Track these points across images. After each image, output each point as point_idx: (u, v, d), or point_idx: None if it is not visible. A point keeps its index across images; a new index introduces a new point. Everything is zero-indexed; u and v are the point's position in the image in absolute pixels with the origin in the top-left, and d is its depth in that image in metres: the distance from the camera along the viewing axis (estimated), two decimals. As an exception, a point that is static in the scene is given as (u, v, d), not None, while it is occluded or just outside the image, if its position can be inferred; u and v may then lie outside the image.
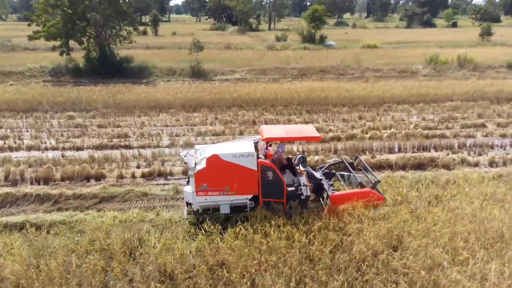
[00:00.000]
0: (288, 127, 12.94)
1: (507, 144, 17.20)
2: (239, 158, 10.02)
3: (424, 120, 20.96)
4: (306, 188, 10.75)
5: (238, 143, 11.32)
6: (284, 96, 24.61)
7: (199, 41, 37.48)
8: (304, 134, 11.29)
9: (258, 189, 10.30)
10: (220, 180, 10.12)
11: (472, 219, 9.41)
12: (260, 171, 10.16)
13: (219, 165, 10.00)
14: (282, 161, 11.01)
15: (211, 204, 10.37)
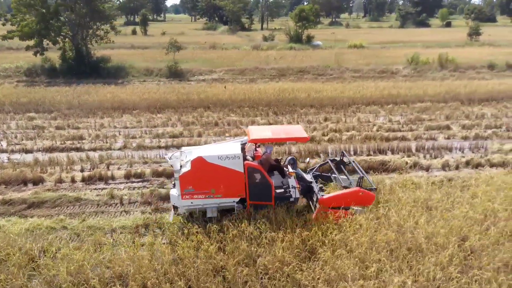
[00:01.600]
0: (276, 127, 12.66)
1: (466, 146, 16.83)
2: (225, 160, 9.78)
3: (390, 122, 20.58)
4: (295, 190, 10.48)
5: (224, 145, 11.08)
6: (253, 97, 24.27)
7: (176, 41, 36.99)
8: (292, 134, 10.97)
9: (245, 192, 10.07)
10: (206, 183, 9.87)
11: (395, 228, 9.06)
12: (247, 173, 9.92)
13: (204, 168, 9.74)
14: (270, 162, 10.72)
15: (198, 208, 10.12)
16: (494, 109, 22.92)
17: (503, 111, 22.41)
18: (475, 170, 14.38)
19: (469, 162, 14.90)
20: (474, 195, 10.68)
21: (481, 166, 14.77)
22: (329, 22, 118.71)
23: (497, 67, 36.01)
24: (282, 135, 10.95)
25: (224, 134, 18.59)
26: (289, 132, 11.21)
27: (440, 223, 9.09)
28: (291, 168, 11.46)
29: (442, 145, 16.99)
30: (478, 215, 9.49)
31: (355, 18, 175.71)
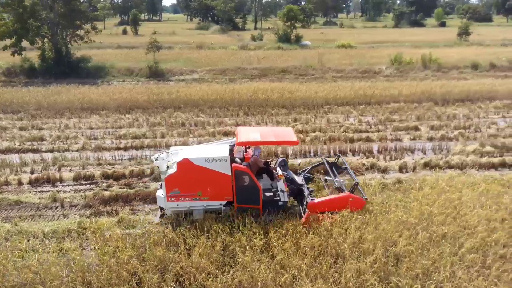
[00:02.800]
0: (266, 129, 12.42)
1: (429, 148, 16.60)
2: (212, 163, 9.61)
3: (359, 123, 20.34)
4: (284, 193, 10.26)
5: (212, 147, 10.90)
6: (226, 97, 24.02)
7: (156, 41, 36.70)
8: (281, 138, 10.72)
9: (233, 195, 9.88)
10: (192, 185, 9.73)
11: (324, 233, 8.83)
12: (234, 176, 9.72)
13: (191, 170, 9.59)
14: (259, 165, 10.46)
15: (184, 210, 9.96)
16: (467, 109, 22.66)
17: (476, 111, 22.15)
18: (432, 172, 14.12)
19: (427, 164, 14.66)
20: (415, 198, 10.44)
21: (439, 168, 14.51)
22: (324, 22, 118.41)
23: (481, 67, 35.77)
24: (271, 138, 10.68)
25: (188, 135, 18.36)
26: (279, 135, 10.95)
27: (370, 228, 8.86)
28: (282, 170, 11.30)
29: (406, 146, 16.76)
30: (413, 219, 9.26)
31: (352, 18, 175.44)
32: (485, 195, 10.44)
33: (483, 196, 10.35)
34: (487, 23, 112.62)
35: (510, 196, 10.33)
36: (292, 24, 56.17)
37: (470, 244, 8.33)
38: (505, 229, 8.87)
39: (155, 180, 13.21)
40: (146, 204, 11.87)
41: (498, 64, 36.11)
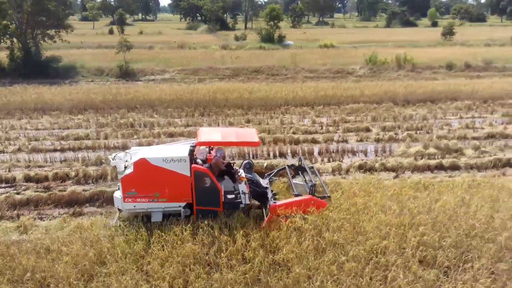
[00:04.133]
0: (228, 130, 12.18)
1: (372, 150, 16.26)
2: (170, 163, 9.34)
3: (313, 124, 20.00)
4: (245, 196, 10.02)
5: (172, 147, 10.64)
6: (185, 98, 23.70)
7: (127, 41, 36.36)
8: (242, 138, 10.50)
9: (192, 197, 9.63)
10: (149, 186, 9.43)
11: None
12: (193, 177, 9.46)
13: (148, 170, 9.30)
14: (220, 167, 10.21)
15: (142, 211, 9.68)
16: (427, 110, 22.33)
17: (435, 112, 21.81)
18: (366, 174, 13.78)
19: (362, 166, 14.31)
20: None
21: (375, 171, 14.20)
22: (316, 22, 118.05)
23: (456, 67, 35.43)
24: (232, 139, 10.43)
25: (132, 136, 18.03)
26: (240, 135, 10.71)
27: (257, 235, 8.54)
28: (247, 172, 11.14)
29: (349, 148, 16.43)
30: (308, 225, 8.91)
31: (348, 18, 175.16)
32: (395, 199, 10.09)
33: (392, 200, 10.00)
34: (481, 23, 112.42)
35: (419, 200, 9.98)
36: (275, 24, 55.77)
37: (356, 251, 8.00)
38: (398, 235, 8.53)
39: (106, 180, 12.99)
40: (58, 208, 11.55)
41: (474, 64, 35.77)
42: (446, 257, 8.01)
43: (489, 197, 10.18)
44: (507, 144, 16.45)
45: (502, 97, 24.05)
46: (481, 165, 14.41)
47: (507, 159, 14.60)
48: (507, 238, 8.44)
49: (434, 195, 10.37)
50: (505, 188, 10.88)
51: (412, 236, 8.49)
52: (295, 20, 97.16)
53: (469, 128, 18.92)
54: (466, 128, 18.99)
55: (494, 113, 21.78)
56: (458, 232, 8.64)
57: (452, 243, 8.34)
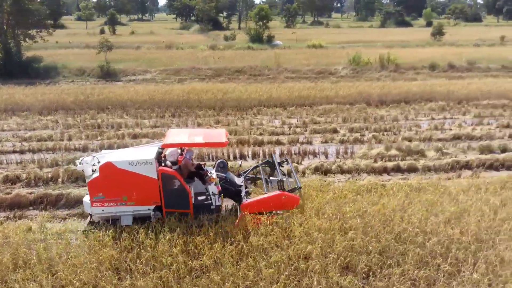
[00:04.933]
0: (196, 131, 11.99)
1: (333, 151, 16.11)
2: (136, 166, 9.24)
3: (282, 125, 19.85)
4: (216, 197, 9.91)
5: (139, 149, 10.51)
6: (157, 98, 23.57)
7: (108, 41, 36.20)
8: (209, 139, 10.29)
9: (160, 199, 9.52)
10: (116, 189, 9.36)
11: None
12: (161, 179, 9.36)
13: (114, 174, 9.22)
14: (190, 168, 10.10)
15: (111, 215, 9.58)
16: (401, 111, 22.18)
17: (407, 113, 21.66)
18: (321, 176, 13.62)
19: (318, 168, 14.16)
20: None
21: (330, 173, 14.05)
22: (311, 22, 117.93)
23: (439, 67, 35.27)
24: (198, 140, 10.25)
25: (96, 137, 17.88)
26: (208, 136, 10.54)
27: (181, 241, 8.39)
28: (221, 172, 11.08)
29: (311, 149, 16.27)
30: (236, 230, 8.78)
31: (345, 18, 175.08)
32: (333, 202, 9.93)
33: (330, 203, 9.85)
34: (476, 23, 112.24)
35: (357, 204, 9.82)
36: (264, 24, 55.62)
37: (278, 256, 7.85)
38: (326, 240, 8.38)
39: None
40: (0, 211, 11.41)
41: (457, 65, 35.60)
42: (369, 263, 7.86)
43: (428, 201, 10.03)
44: (470, 145, 16.27)
45: (477, 98, 23.88)
46: (439, 167, 14.26)
47: (466, 161, 14.44)
48: (435, 243, 8.29)
49: (374, 198, 10.22)
50: (447, 191, 10.72)
51: (340, 241, 8.35)
52: (289, 20, 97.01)
53: (437, 130, 18.75)
54: (434, 129, 18.83)
55: (467, 114, 21.62)
56: (388, 236, 8.48)
57: (379, 248, 8.19)
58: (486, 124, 19.65)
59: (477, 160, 14.44)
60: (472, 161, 14.38)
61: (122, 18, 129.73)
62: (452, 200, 10.13)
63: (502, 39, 52.95)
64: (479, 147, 15.84)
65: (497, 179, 12.18)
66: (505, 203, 9.95)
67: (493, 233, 8.60)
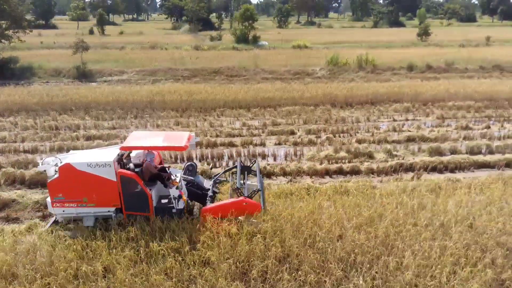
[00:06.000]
0: (157, 134, 11.85)
1: (283, 153, 16.05)
2: (95, 168, 9.34)
3: (242, 127, 19.76)
4: (177, 201, 9.83)
5: (101, 151, 10.53)
6: (121, 99, 23.47)
7: (84, 41, 36.08)
8: (168, 143, 10.18)
9: (120, 202, 9.57)
10: (76, 191, 9.47)
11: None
12: (120, 182, 9.40)
13: (73, 175, 9.32)
14: (151, 171, 10.05)
15: (72, 216, 9.65)
16: (365, 112, 22.09)
17: (370, 114, 21.57)
18: (264, 179, 13.53)
19: (261, 171, 14.01)
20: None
21: (273, 175, 13.97)
22: (305, 22, 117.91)
23: (416, 68, 35.18)
24: (157, 143, 10.13)
25: (50, 139, 17.80)
26: (168, 140, 10.39)
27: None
28: (190, 175, 11.10)
29: (261, 151, 16.18)
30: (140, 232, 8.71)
31: (342, 18, 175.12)
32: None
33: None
34: (471, 23, 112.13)
35: (274, 207, 9.74)
36: (250, 25, 55.54)
37: (169, 263, 7.78)
38: (226, 246, 8.28)
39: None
40: None
41: (435, 66, 35.50)
42: (265, 268, 7.78)
43: (349, 205, 9.94)
44: (420, 148, 16.17)
45: (444, 99, 23.78)
46: (382, 169, 14.17)
47: (410, 164, 14.35)
48: (337, 248, 8.20)
49: (291, 202, 10.14)
50: (372, 194, 10.65)
51: (243, 245, 8.26)
52: (281, 20, 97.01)
53: (395, 131, 18.67)
54: (392, 131, 18.75)
55: (430, 115, 21.53)
56: (293, 241, 8.40)
57: (279, 253, 8.11)
58: (445, 126, 19.57)
59: (421, 163, 14.35)
60: (416, 164, 14.29)
61: (116, 19, 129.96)
62: (372, 204, 10.03)
63: (488, 39, 52.82)
64: (428, 149, 15.73)
65: (430, 182, 12.09)
66: (423, 207, 9.85)
67: (399, 238, 8.50)
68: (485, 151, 15.88)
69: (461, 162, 14.33)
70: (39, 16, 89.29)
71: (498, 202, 10.01)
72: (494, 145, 16.06)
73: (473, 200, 10.15)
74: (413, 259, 7.73)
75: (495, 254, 7.96)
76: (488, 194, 10.46)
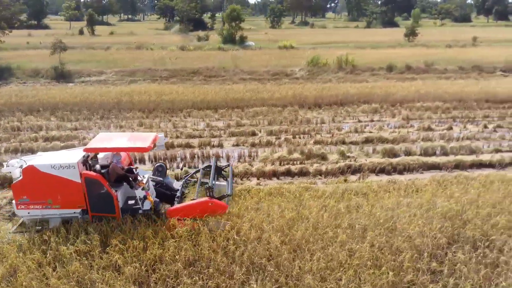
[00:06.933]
0: (122, 135, 11.86)
1: (237, 155, 16.00)
2: (59, 170, 9.30)
3: (207, 127, 19.71)
4: (143, 201, 9.84)
5: (67, 153, 10.47)
6: (89, 100, 23.45)
7: (62, 41, 36.03)
8: (131, 144, 10.17)
9: (86, 203, 9.55)
10: (41, 192, 9.43)
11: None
12: (84, 183, 9.37)
13: (37, 177, 9.30)
14: (118, 172, 10.04)
15: (38, 218, 9.64)
16: (333, 113, 22.03)
17: (337, 115, 21.52)
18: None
19: (207, 173, 13.99)
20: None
21: (221, 177, 13.89)
22: (299, 22, 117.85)
23: (396, 69, 35.12)
24: (121, 145, 10.13)
25: (9, 140, 17.74)
26: (133, 140, 10.38)
27: None
28: (159, 176, 11.12)
29: (215, 153, 16.11)
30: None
31: (338, 18, 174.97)
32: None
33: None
34: (465, 24, 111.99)
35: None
36: (236, 25, 55.50)
37: (74, 267, 7.73)
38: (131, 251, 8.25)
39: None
40: None
41: (414, 66, 35.44)
42: (170, 272, 7.74)
43: (275, 208, 9.90)
44: (375, 149, 16.12)
45: (414, 100, 23.73)
46: (331, 171, 14.12)
47: (358, 165, 14.29)
48: (248, 251, 8.15)
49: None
50: (303, 196, 10.61)
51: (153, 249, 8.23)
52: (274, 21, 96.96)
53: (356, 132, 18.61)
54: (354, 132, 18.69)
55: (397, 116, 21.47)
56: (205, 244, 8.36)
57: (184, 256, 8.08)
58: (409, 127, 19.51)
59: (370, 164, 14.29)
60: (364, 165, 14.23)
61: (112, 19, 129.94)
62: (297, 207, 9.99)
63: (474, 40, 52.74)
64: (382, 151, 15.67)
65: (366, 184, 12.05)
66: (350, 210, 9.80)
67: (315, 242, 8.45)
68: (440, 153, 15.83)
69: (410, 164, 14.27)
70: (31, 16, 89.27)
71: (426, 204, 9.95)
72: (449, 147, 16.00)
73: (400, 202, 10.09)
74: (317, 263, 7.68)
75: (404, 257, 7.90)
76: (417, 196, 10.41)
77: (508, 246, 8.36)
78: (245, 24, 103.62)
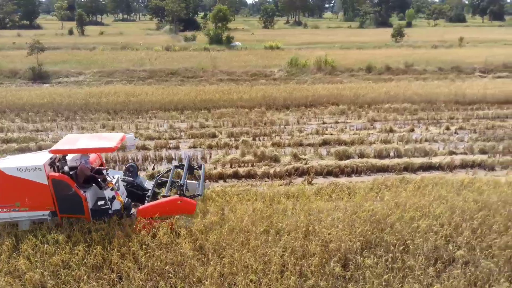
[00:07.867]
0: (90, 136, 11.72)
1: (190, 157, 15.84)
2: (25, 172, 9.26)
3: (170, 129, 19.63)
4: (113, 201, 9.85)
5: (34, 155, 10.41)
6: (56, 101, 23.34)
7: (39, 42, 35.93)
8: (97, 145, 10.14)
9: (54, 205, 9.52)
10: (8, 195, 9.41)
11: None
12: (51, 185, 9.36)
13: (3, 180, 9.27)
14: (86, 174, 10.04)
15: (7, 221, 9.57)
16: (300, 114, 21.94)
17: (303, 117, 21.43)
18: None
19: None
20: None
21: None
22: (292, 22, 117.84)
23: (375, 69, 35.07)
24: (87, 146, 10.08)
25: (-36, 142, 17.69)
26: (99, 141, 10.39)
27: None
28: (130, 176, 11.18)
29: (169, 155, 16.04)
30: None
31: (335, 18, 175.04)
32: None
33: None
34: (459, 24, 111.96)
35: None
36: (223, 25, 55.44)
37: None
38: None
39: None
40: None
41: (394, 67, 35.37)
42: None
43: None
44: (330, 151, 16.04)
45: (383, 101, 23.65)
46: (279, 173, 14.04)
47: (306, 168, 14.20)
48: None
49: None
50: (238, 199, 10.56)
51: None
52: (266, 21, 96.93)
53: (318, 134, 18.51)
54: (315, 133, 18.60)
55: (363, 117, 21.38)
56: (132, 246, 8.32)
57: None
58: (372, 129, 19.43)
59: (318, 167, 14.22)
60: (311, 168, 14.15)
61: (106, 19, 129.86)
62: (222, 210, 9.92)
63: (461, 40, 52.68)
64: (335, 153, 15.59)
65: (301, 187, 11.98)
66: (274, 214, 9.72)
67: (225, 247, 8.38)
68: (394, 155, 15.76)
69: (358, 166, 14.19)
70: (23, 16, 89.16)
71: (353, 208, 9.86)
72: (403, 149, 15.92)
73: (328, 206, 10.01)
74: (221, 268, 7.60)
75: (312, 262, 7.82)
76: (347, 199, 10.34)
77: (421, 250, 8.28)
78: (238, 24, 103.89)
